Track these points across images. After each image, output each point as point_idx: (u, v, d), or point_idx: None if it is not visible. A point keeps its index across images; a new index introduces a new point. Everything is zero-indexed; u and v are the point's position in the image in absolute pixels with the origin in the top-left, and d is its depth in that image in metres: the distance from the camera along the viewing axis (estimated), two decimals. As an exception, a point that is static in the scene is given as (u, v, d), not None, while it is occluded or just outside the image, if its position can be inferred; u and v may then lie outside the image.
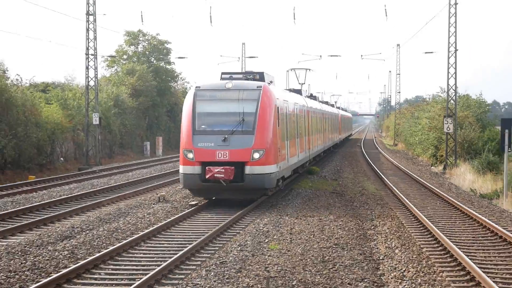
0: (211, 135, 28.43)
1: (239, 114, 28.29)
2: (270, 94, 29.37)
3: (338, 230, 24.87)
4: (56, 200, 33.76)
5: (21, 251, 20.48)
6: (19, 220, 27.65)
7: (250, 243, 21.91)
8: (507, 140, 36.02)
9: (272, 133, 28.60)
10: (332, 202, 32.95)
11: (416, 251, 21.34)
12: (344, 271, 18.44)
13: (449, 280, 17.70)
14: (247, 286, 16.60)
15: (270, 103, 28.75)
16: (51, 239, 22.55)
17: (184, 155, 28.23)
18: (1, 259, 19.35)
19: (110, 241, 22.25)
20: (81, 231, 24.34)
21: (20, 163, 51.44)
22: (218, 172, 26.23)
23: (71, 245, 21.34)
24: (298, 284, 17.00)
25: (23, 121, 52.40)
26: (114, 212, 29.46)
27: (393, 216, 29.10)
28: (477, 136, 57.51)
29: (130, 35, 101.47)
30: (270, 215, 28.00)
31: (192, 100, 29.20)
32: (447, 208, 32.19)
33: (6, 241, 22.73)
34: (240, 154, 27.48)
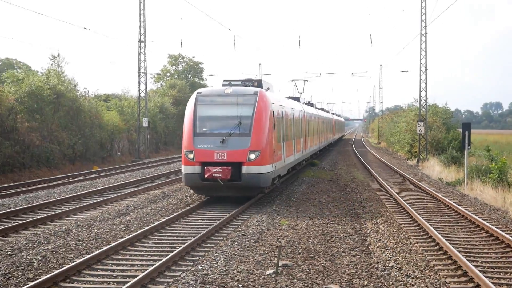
0: (210, 137, 25.61)
1: (236, 117, 25.65)
2: (266, 99, 26.80)
3: (334, 210, 25.10)
4: (115, 185, 34.08)
5: (87, 224, 20.88)
6: (85, 201, 27.97)
7: (265, 220, 22.12)
8: (466, 140, 35.96)
9: (267, 135, 25.85)
10: (330, 188, 32.92)
11: (396, 226, 21.35)
12: (339, 242, 18.60)
13: (422, 249, 17.69)
14: (263, 253, 16.76)
15: (265, 108, 26.18)
16: (110, 216, 22.82)
17: (185, 156, 25.55)
18: (72, 230, 19.75)
19: (156, 217, 22.41)
20: (133, 209, 24.61)
21: (87, 156, 52.28)
22: (216, 171, 23.93)
23: (126, 220, 21.63)
24: (303, 251, 17.14)
25: (89, 124, 53.40)
26: (160, 195, 29.68)
27: (377, 199, 29.04)
28: (443, 136, 57.70)
29: (172, 57, 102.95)
30: (281, 198, 28.27)
31: (194, 104, 26.51)
32: (420, 193, 32.02)
33: (75, 217, 23.16)
34: (237, 155, 24.84)
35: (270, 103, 26.74)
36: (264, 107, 25.96)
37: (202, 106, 26.32)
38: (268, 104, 26.40)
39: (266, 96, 27.02)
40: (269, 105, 26.45)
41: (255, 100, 25.76)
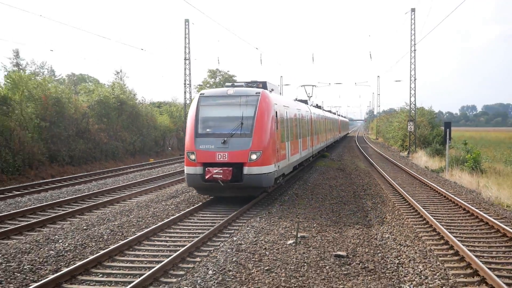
0: (212, 137, 21.18)
1: (238, 118, 21.33)
2: (268, 99, 22.23)
3: (341, 192, 24.93)
4: (166, 174, 34.12)
5: (146, 205, 21.01)
6: (144, 186, 28.09)
7: (287, 200, 22.17)
8: (448, 135, 35.82)
9: (269, 136, 21.38)
10: (337, 175, 32.77)
11: (391, 205, 21.31)
12: (345, 218, 18.69)
13: (412, 223, 17.70)
14: (285, 227, 16.80)
15: (268, 108, 21.70)
16: (163, 198, 22.85)
17: (187, 157, 21.30)
18: (134, 210, 19.95)
19: (199, 199, 22.48)
20: (182, 192, 24.56)
21: (144, 151, 52.68)
22: (216, 173, 20.01)
23: (176, 202, 21.70)
24: (317, 226, 17.17)
25: (146, 125, 53.92)
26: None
27: (376, 183, 28.96)
28: (428, 133, 57.66)
29: (211, 71, 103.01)
30: (299, 183, 27.98)
31: (196, 105, 22.06)
32: (410, 178, 31.83)
33: (136, 199, 23.33)
34: (238, 156, 20.58)
35: (272, 104, 22.46)
36: (266, 107, 21.65)
37: (204, 107, 21.94)
38: (270, 105, 22.12)
39: (269, 97, 22.61)
40: (271, 106, 22.15)
41: (257, 101, 21.48)
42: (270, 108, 21.85)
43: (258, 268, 12.32)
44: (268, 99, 22.07)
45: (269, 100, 22.13)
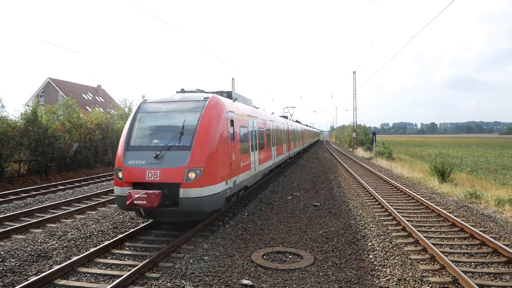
0: (144, 151, 9.37)
1: (179, 127, 9.65)
2: (219, 106, 10.45)
3: (316, 171, 25.05)
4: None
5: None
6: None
7: (287, 176, 22.20)
8: (374, 139, 37.19)
9: (216, 148, 9.51)
10: (314, 161, 32.87)
11: (343, 177, 21.52)
12: (320, 185, 18.72)
13: (355, 186, 17.87)
14: (287, 190, 17.00)
15: (217, 116, 10.06)
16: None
17: (115, 174, 9.44)
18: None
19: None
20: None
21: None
22: (138, 198, 8.51)
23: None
24: (303, 189, 17.34)
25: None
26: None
27: (335, 165, 29.10)
28: (364, 138, 57.74)
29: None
30: (293, 167, 28.02)
31: (134, 113, 10.36)
32: (353, 162, 31.88)
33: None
34: (172, 174, 8.90)
35: (225, 111, 10.85)
36: (215, 115, 10.24)
37: (143, 114, 10.40)
38: (220, 112, 10.51)
39: (220, 103, 10.82)
40: (222, 113, 10.61)
41: (203, 107, 10.17)
42: (220, 116, 10.44)
43: (271, 211, 12.75)
44: (218, 105, 10.67)
45: (221, 107, 10.72)
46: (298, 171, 24.58)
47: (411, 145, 69.67)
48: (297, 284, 6.95)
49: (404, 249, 8.80)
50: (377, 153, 37.28)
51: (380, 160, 33.65)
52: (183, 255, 8.19)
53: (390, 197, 15.38)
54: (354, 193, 16.47)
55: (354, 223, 11.27)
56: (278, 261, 8.13)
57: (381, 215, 12.26)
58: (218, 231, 10.15)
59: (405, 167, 26.68)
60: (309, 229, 10.59)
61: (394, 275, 7.33)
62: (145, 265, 7.28)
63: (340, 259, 8.25)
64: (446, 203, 14.16)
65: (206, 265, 7.72)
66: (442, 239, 9.63)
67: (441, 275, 7.36)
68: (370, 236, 9.87)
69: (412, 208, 13.25)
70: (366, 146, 49.64)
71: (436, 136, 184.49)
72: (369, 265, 7.90)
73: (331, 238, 9.72)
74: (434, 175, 20.59)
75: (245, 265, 7.83)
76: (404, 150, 49.51)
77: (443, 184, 18.80)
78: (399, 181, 20.19)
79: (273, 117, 21.78)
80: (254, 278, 7.20)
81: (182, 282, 6.91)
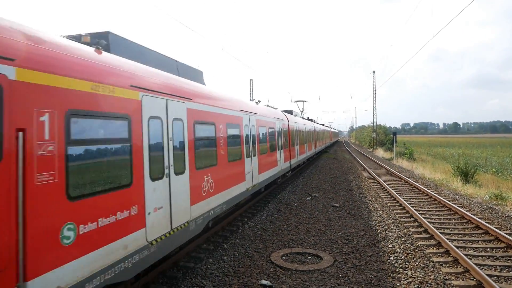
0: None
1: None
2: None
3: (335, 171, 24.95)
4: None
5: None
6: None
7: (306, 176, 22.27)
8: (394, 140, 36.43)
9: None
10: (334, 161, 32.82)
11: (363, 178, 21.32)
12: (339, 186, 18.58)
13: (375, 188, 17.64)
14: (305, 191, 17.00)
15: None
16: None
17: None
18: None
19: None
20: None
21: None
22: None
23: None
24: (322, 190, 17.26)
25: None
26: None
27: (355, 166, 28.81)
28: (384, 138, 57.01)
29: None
30: (312, 167, 28.11)
31: None
32: (374, 163, 31.56)
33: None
34: None
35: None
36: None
37: None
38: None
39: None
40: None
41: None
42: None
43: (289, 212, 12.77)
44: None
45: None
46: (317, 172, 24.46)
47: (433, 146, 68.30)
48: (317, 285, 6.92)
49: (426, 251, 8.64)
50: (397, 154, 36.72)
51: (400, 160, 33.12)
52: (203, 255, 8.32)
53: (411, 198, 15.13)
54: (374, 194, 16.26)
55: (374, 224, 11.14)
56: (297, 262, 8.11)
57: (402, 216, 12.08)
58: (237, 231, 10.24)
59: (427, 168, 26.17)
60: (329, 230, 10.52)
61: (416, 277, 7.21)
62: (166, 265, 7.43)
63: (360, 260, 8.16)
64: (470, 204, 13.81)
65: (225, 265, 7.79)
66: (465, 242, 9.40)
67: (465, 279, 7.19)
68: (390, 238, 9.73)
69: (434, 209, 12.98)
70: (387, 146, 48.97)
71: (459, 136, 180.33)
72: (389, 267, 7.79)
73: (351, 240, 9.63)
74: (457, 176, 20.13)
75: (264, 265, 7.85)
76: (426, 151, 48.53)
77: (467, 185, 18.35)
78: (420, 182, 19.82)
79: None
80: (273, 278, 7.21)
81: (202, 282, 6.99)
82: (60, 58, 4.03)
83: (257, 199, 13.94)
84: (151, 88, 5.77)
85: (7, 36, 3.50)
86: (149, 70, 6.09)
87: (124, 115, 4.94)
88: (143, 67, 5.95)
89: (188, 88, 7.27)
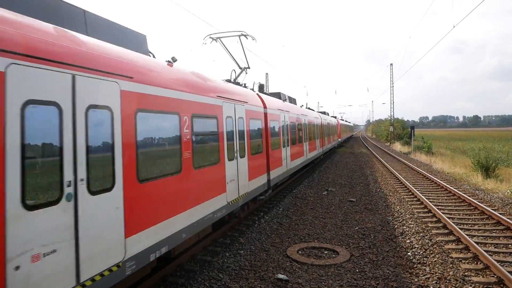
0: None
1: None
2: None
3: (352, 166, 24.77)
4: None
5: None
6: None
7: (322, 171, 22.21)
8: (412, 133, 35.86)
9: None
10: (350, 155, 32.57)
11: (380, 172, 21.11)
12: (356, 180, 18.49)
13: (392, 182, 17.45)
14: (321, 186, 17.00)
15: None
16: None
17: None
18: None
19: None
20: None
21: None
22: None
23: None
24: (338, 184, 17.23)
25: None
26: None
27: (371, 160, 28.57)
28: (401, 132, 56.09)
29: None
30: (328, 162, 27.94)
31: None
32: (391, 157, 31.20)
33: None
34: None
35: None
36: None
37: None
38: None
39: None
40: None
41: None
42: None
43: (305, 207, 12.75)
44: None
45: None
46: (333, 166, 24.31)
47: (452, 139, 66.78)
48: (333, 280, 6.90)
49: (445, 247, 8.50)
50: (415, 148, 36.10)
51: (418, 155, 32.55)
52: (220, 249, 8.36)
53: (430, 193, 14.88)
54: (392, 188, 16.06)
55: (392, 219, 11.01)
56: (314, 257, 8.10)
57: (420, 211, 11.90)
58: (253, 226, 10.28)
59: (446, 162, 25.65)
60: (345, 225, 10.46)
61: (434, 273, 7.10)
62: (184, 258, 7.50)
63: (377, 256, 8.09)
64: (491, 200, 13.49)
65: (242, 259, 7.84)
66: (486, 238, 9.20)
67: (485, 275, 7.05)
68: (408, 233, 9.60)
69: (453, 205, 12.74)
70: (404, 140, 48.20)
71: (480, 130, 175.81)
72: (407, 262, 7.70)
73: (368, 235, 9.55)
74: (478, 170, 19.67)
75: (280, 259, 7.86)
76: (445, 145, 47.43)
77: (487, 180, 17.92)
78: (439, 176, 19.47)
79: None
80: (290, 273, 7.22)
81: (219, 275, 7.05)
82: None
83: (275, 192, 13.90)
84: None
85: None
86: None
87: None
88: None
89: (123, 57, 5.07)
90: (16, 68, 3.44)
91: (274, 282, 6.77)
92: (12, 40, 3.48)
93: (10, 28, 3.54)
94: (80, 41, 4.42)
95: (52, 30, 4.13)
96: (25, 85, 3.50)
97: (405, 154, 36.09)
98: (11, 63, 3.40)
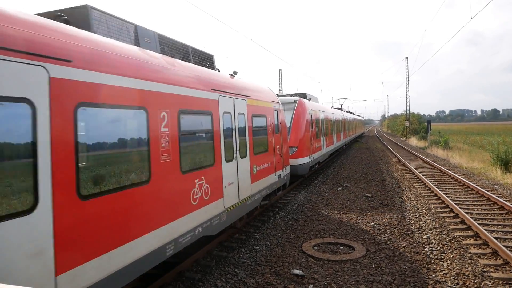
0: None
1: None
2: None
3: (367, 161, 24.54)
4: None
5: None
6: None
7: (337, 166, 22.05)
8: (429, 128, 35.45)
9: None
10: (365, 151, 32.22)
11: (396, 167, 20.86)
12: (371, 175, 18.35)
13: (408, 177, 17.22)
14: (336, 181, 16.89)
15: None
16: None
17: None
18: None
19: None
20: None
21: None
22: None
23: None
24: (354, 180, 17.13)
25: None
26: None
27: (387, 156, 28.24)
28: (417, 126, 55.20)
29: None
30: (342, 158, 27.74)
31: None
32: (407, 152, 30.78)
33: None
34: None
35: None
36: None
37: None
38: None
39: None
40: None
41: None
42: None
43: (321, 202, 12.69)
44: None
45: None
46: (348, 162, 24.12)
47: (470, 134, 65.27)
48: (349, 275, 6.86)
49: (463, 242, 8.35)
50: (432, 142, 35.48)
51: (435, 149, 31.97)
52: (235, 245, 8.40)
53: (447, 188, 14.62)
54: (408, 184, 15.85)
55: (408, 215, 10.87)
56: (329, 252, 8.06)
57: (437, 206, 11.71)
58: (268, 221, 10.30)
59: (464, 157, 25.15)
60: (361, 221, 10.38)
61: (452, 269, 6.99)
62: (200, 253, 7.53)
63: (394, 251, 8.01)
64: (510, 194, 13.18)
65: (257, 255, 7.86)
66: (505, 233, 9.00)
67: (505, 271, 6.90)
68: (425, 229, 9.46)
69: (471, 199, 12.49)
70: (420, 135, 47.41)
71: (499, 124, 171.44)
72: (424, 258, 7.59)
73: (384, 230, 9.46)
74: (497, 164, 19.20)
75: (296, 255, 7.86)
76: (462, 139, 46.29)
77: (507, 174, 17.49)
78: (456, 171, 19.12)
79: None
80: (305, 268, 7.21)
81: (235, 270, 7.09)
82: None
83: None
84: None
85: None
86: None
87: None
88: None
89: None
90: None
91: (290, 278, 6.77)
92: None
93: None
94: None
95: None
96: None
97: (422, 149, 35.52)
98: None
